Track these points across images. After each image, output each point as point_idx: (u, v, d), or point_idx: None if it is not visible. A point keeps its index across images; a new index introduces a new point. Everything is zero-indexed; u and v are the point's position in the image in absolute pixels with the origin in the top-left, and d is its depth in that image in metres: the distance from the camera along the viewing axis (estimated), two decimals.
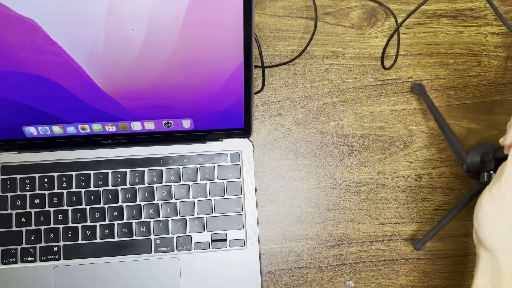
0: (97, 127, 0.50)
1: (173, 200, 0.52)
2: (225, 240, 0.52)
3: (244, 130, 0.52)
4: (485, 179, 0.50)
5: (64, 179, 0.51)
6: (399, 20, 0.60)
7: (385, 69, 0.59)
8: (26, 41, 0.42)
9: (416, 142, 0.58)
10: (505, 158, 0.45)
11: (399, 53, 0.60)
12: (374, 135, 0.58)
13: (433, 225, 0.56)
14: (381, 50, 0.60)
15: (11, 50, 0.42)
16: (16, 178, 0.50)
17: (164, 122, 0.50)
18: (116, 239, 0.51)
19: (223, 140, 0.54)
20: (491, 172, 0.50)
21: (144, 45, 0.43)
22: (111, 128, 0.50)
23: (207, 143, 0.53)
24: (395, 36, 0.59)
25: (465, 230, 0.57)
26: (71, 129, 0.50)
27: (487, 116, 0.59)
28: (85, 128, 0.50)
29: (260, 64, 0.56)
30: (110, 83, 0.46)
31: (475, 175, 0.53)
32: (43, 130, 0.49)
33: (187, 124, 0.51)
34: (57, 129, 0.50)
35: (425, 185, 0.57)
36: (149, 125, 0.51)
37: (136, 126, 0.50)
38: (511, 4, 0.61)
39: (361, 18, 0.60)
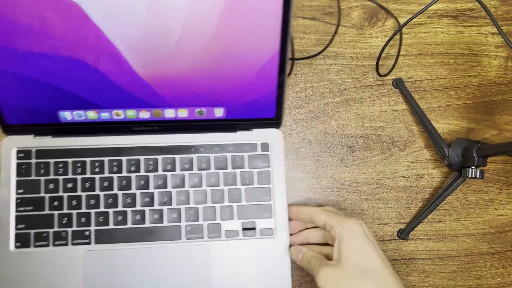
0: (131, 113, 0.50)
1: (204, 187, 0.52)
2: (254, 228, 0.52)
3: (274, 120, 0.52)
4: (469, 175, 0.51)
5: (97, 164, 0.51)
6: (400, 23, 0.60)
7: (380, 75, 0.59)
8: (67, 23, 0.42)
9: (417, 142, 0.58)
10: (487, 155, 0.49)
11: (400, 54, 0.60)
12: (375, 135, 0.58)
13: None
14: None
15: (52, 32, 0.42)
16: (49, 162, 0.50)
17: (197, 110, 0.50)
18: (147, 225, 0.50)
19: (253, 130, 0.54)
20: (473, 167, 0.51)
21: (183, 31, 0.43)
22: (145, 114, 0.50)
23: (238, 132, 0.53)
24: (392, 42, 0.59)
25: (465, 230, 0.57)
26: (105, 115, 0.50)
27: (487, 116, 0.59)
28: (119, 114, 0.50)
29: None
30: (148, 69, 0.46)
31: (456, 168, 0.54)
32: (77, 115, 0.49)
33: (219, 112, 0.51)
34: (91, 115, 0.50)
35: (426, 185, 0.57)
36: (182, 113, 0.51)
37: (169, 113, 0.50)
38: (511, 4, 0.61)
39: (362, 18, 0.60)
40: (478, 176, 0.51)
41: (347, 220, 0.46)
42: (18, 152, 0.50)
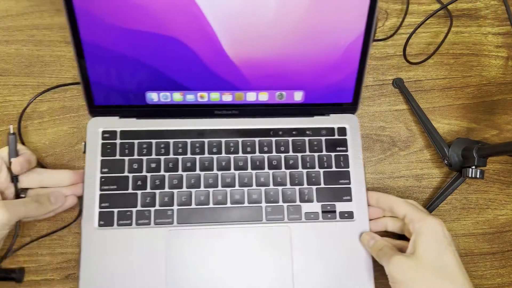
0: (215, 96, 0.51)
1: (283, 169, 0.52)
2: (334, 211, 0.52)
3: (351, 105, 0.53)
4: (469, 175, 0.52)
5: (180, 145, 0.52)
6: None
7: (411, 63, 0.58)
8: (167, 0, 0.43)
9: (417, 142, 0.58)
10: (488, 155, 0.50)
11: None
12: (375, 135, 0.58)
13: None
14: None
15: (150, 9, 0.43)
16: (133, 142, 0.52)
17: (277, 93, 0.51)
18: (228, 205, 0.51)
19: (330, 115, 0.55)
20: (473, 167, 0.52)
21: (276, 12, 0.44)
22: (227, 97, 0.51)
23: (315, 117, 0.54)
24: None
25: (465, 230, 0.57)
26: (190, 97, 0.51)
27: (487, 116, 0.59)
28: (203, 97, 0.51)
29: None
30: (237, 50, 0.47)
31: (457, 168, 0.54)
32: (164, 97, 0.51)
33: (298, 96, 0.52)
34: (177, 96, 0.51)
35: (426, 185, 0.57)
36: (263, 96, 0.51)
37: (251, 96, 0.51)
38: (511, 4, 0.61)
39: None
40: (478, 176, 0.51)
41: (428, 218, 0.46)
42: (104, 132, 0.52)
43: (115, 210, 0.50)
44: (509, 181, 0.58)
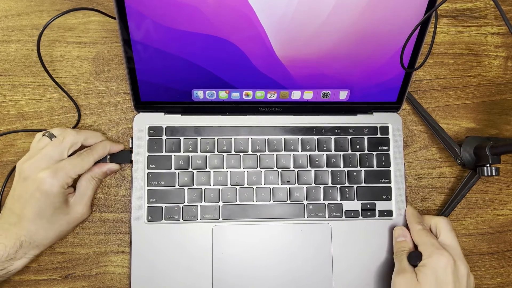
0: (260, 94, 0.51)
1: (325, 168, 0.53)
2: (374, 209, 0.53)
3: (395, 104, 0.54)
4: (485, 174, 0.52)
5: (224, 143, 0.53)
6: None
7: (406, 69, 0.58)
8: (221, 2, 0.42)
9: (416, 142, 0.58)
10: (501, 153, 0.49)
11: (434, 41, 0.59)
12: None
13: None
14: None
15: (201, 10, 0.43)
16: (180, 139, 0.53)
17: (322, 92, 0.51)
18: (271, 202, 0.52)
19: (373, 113, 0.55)
20: (488, 165, 0.52)
21: (331, 14, 0.44)
22: (272, 96, 0.51)
23: (358, 115, 0.55)
24: None
25: (465, 230, 0.57)
26: (235, 95, 0.51)
27: (487, 116, 0.59)
28: (248, 95, 0.51)
29: None
30: (286, 50, 0.47)
31: (470, 167, 0.54)
32: (209, 94, 0.51)
33: (343, 95, 0.52)
34: (222, 94, 0.51)
35: (425, 185, 0.57)
36: (308, 95, 0.52)
37: (295, 95, 0.52)
38: (511, 4, 0.61)
39: None
40: (494, 174, 0.51)
41: (436, 254, 0.46)
42: (150, 128, 0.53)
43: (163, 205, 0.51)
44: (508, 181, 0.58)
